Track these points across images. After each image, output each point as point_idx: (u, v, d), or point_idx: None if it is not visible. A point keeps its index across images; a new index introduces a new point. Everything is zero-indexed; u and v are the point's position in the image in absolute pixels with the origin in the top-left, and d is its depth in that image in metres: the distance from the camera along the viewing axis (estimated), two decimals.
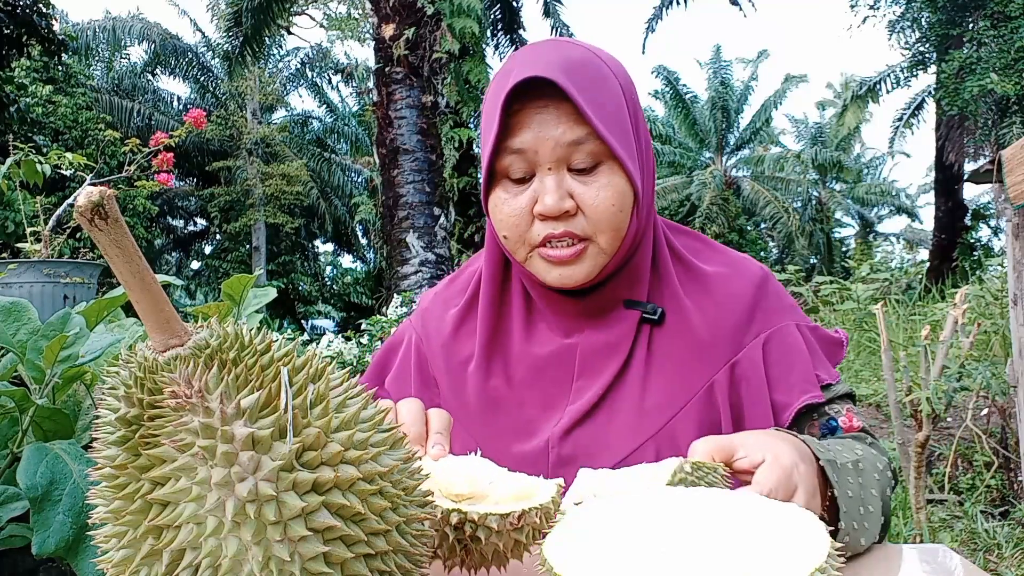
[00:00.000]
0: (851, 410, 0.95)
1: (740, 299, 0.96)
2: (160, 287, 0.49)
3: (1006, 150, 2.96)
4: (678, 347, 0.94)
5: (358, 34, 17.34)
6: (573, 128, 0.85)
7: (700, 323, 0.94)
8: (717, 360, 0.93)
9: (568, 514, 0.60)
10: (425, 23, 7.99)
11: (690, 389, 0.92)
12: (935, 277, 12.06)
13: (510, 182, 0.89)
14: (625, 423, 0.91)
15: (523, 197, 0.88)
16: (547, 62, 0.85)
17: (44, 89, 11.31)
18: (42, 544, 1.07)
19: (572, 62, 0.86)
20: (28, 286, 2.58)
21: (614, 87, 0.89)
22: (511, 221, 0.89)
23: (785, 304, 1.00)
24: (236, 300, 1.77)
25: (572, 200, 0.86)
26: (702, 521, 0.56)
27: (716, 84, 22.95)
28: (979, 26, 10.27)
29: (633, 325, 0.94)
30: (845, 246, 28.30)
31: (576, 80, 0.84)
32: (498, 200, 0.90)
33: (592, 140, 0.85)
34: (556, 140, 0.85)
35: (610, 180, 0.86)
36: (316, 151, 21.07)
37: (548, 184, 0.86)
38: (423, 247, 7.85)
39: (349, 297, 23.39)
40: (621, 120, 0.88)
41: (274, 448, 0.46)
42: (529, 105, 0.86)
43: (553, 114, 0.85)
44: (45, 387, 1.32)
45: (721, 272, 0.99)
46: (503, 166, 0.89)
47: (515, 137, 0.86)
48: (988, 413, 4.19)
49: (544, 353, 0.96)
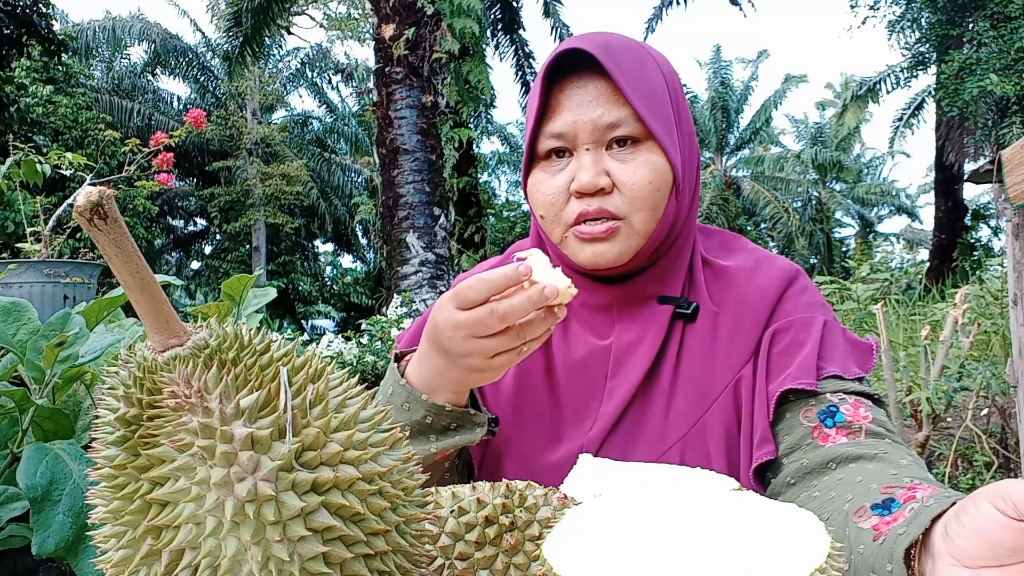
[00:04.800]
0: (860, 402, 0.85)
1: (764, 293, 0.93)
2: (160, 287, 0.49)
3: (1006, 150, 2.95)
4: (705, 347, 0.92)
5: (358, 34, 17.34)
6: (611, 110, 0.85)
7: (723, 321, 0.93)
8: (741, 357, 0.91)
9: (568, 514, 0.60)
10: (425, 23, 7.99)
11: (715, 390, 0.91)
12: (935, 277, 12.06)
13: (549, 163, 0.90)
14: (653, 428, 0.90)
15: (561, 176, 0.89)
16: (588, 41, 0.86)
17: (44, 89, 11.30)
18: (42, 544, 1.07)
19: (614, 43, 0.87)
20: (28, 286, 2.58)
21: (655, 71, 0.89)
22: (548, 199, 0.89)
23: (815, 301, 0.94)
24: (236, 300, 1.77)
25: (608, 178, 0.86)
26: (702, 521, 0.56)
27: (716, 84, 22.95)
28: (979, 26, 10.27)
29: (666, 322, 0.92)
30: (845, 246, 28.31)
31: (616, 59, 0.85)
32: (537, 180, 0.91)
33: (631, 121, 0.86)
34: (595, 123, 0.86)
35: (648, 158, 0.86)
36: (316, 151, 21.06)
37: (585, 161, 0.86)
38: (423, 247, 7.85)
39: (349, 297, 23.39)
40: (662, 103, 0.88)
41: (273, 448, 0.46)
42: (568, 84, 0.87)
43: (592, 94, 0.86)
44: (45, 387, 1.32)
45: (743, 267, 0.96)
46: (542, 148, 0.89)
47: (554, 120, 0.87)
48: (988, 413, 4.19)
49: (579, 357, 0.95)
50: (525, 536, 0.63)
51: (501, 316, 0.72)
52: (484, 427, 0.86)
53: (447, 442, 0.85)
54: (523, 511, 0.65)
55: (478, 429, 0.85)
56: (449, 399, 0.83)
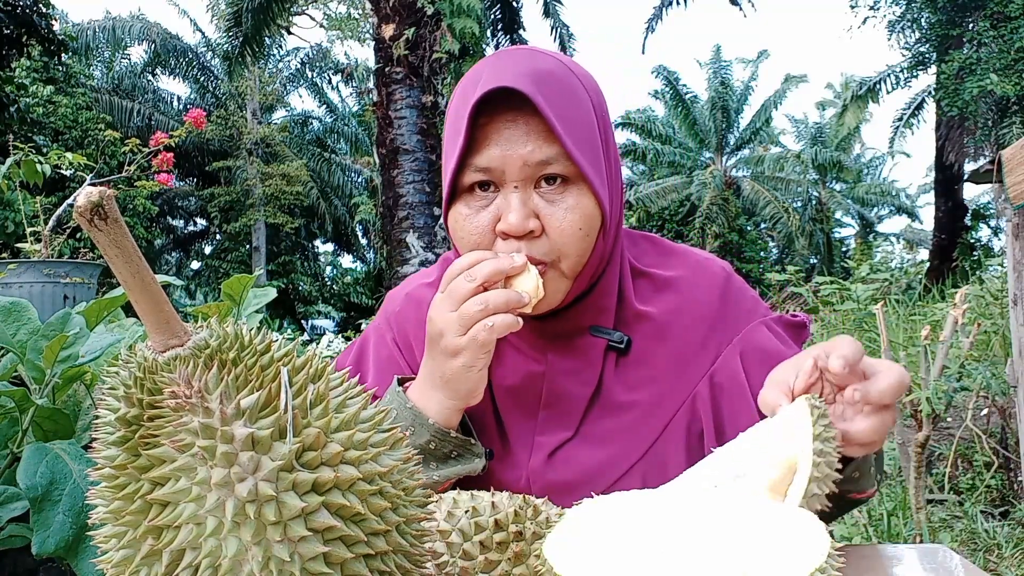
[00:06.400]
0: None
1: (708, 305, 0.94)
2: (160, 287, 0.49)
3: (1006, 150, 2.95)
4: (653, 366, 0.92)
5: (358, 34, 17.34)
6: (542, 147, 0.81)
7: (672, 336, 0.92)
8: (695, 372, 0.91)
9: (568, 514, 0.60)
10: (425, 23, 7.99)
11: (671, 406, 0.90)
12: (935, 277, 12.06)
13: (472, 197, 0.86)
14: (607, 452, 0.89)
15: (485, 214, 0.84)
16: (517, 73, 0.81)
17: (44, 89, 11.31)
18: (42, 544, 1.07)
19: (543, 74, 0.82)
20: (28, 286, 2.58)
21: (585, 102, 0.86)
22: (472, 239, 0.85)
23: (748, 301, 0.98)
24: (236, 300, 1.77)
25: (537, 220, 0.83)
26: (702, 521, 0.56)
27: (716, 84, 22.93)
28: (979, 26, 10.27)
29: (600, 354, 0.91)
30: (845, 246, 28.30)
31: (547, 94, 0.80)
32: (459, 216, 0.86)
33: (562, 160, 0.82)
34: (524, 159, 0.81)
35: (578, 202, 0.83)
36: (316, 151, 21.07)
37: (513, 201, 0.82)
38: (423, 247, 7.85)
39: (349, 297, 23.39)
40: (592, 138, 0.85)
41: (274, 448, 0.46)
42: (497, 118, 0.82)
43: (522, 129, 0.82)
44: (45, 387, 1.32)
45: (684, 277, 0.96)
46: (466, 181, 0.85)
47: (481, 153, 0.83)
48: (988, 413, 4.18)
49: (512, 383, 0.93)
50: (531, 549, 0.63)
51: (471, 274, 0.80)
52: (483, 459, 0.87)
53: (449, 471, 0.86)
54: (534, 523, 0.65)
55: (477, 460, 0.87)
56: (445, 419, 0.84)
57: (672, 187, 21.96)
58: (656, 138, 22.95)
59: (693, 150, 23.53)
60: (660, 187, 21.60)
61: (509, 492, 0.69)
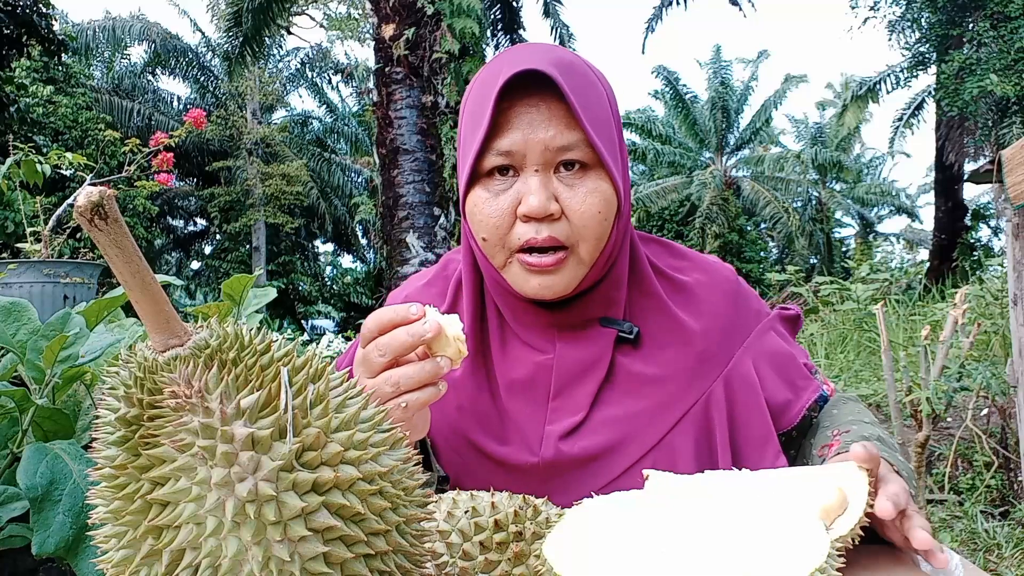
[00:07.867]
0: (825, 377, 1.03)
1: (723, 309, 0.97)
2: (160, 287, 0.49)
3: (1006, 150, 2.95)
4: (671, 360, 0.92)
5: (358, 34, 17.34)
6: (564, 132, 0.83)
7: (694, 335, 0.93)
8: (711, 372, 0.93)
9: (568, 514, 0.60)
10: (425, 23, 7.99)
11: (686, 402, 0.91)
12: (935, 277, 12.07)
13: (492, 182, 0.86)
14: (617, 440, 0.90)
15: (505, 197, 0.85)
16: (541, 59, 0.82)
17: (44, 89, 11.31)
18: (42, 544, 1.07)
19: (566, 63, 0.84)
20: (28, 286, 2.58)
21: (603, 95, 0.88)
22: (492, 222, 0.86)
23: (754, 302, 1.03)
24: (236, 300, 1.77)
25: (557, 203, 0.84)
26: (702, 521, 0.56)
27: (716, 84, 22.93)
28: (979, 27, 10.27)
29: (610, 344, 0.92)
30: (845, 246, 28.30)
31: (570, 80, 0.82)
32: (478, 200, 0.87)
33: (582, 146, 0.83)
34: (546, 143, 0.83)
35: (597, 186, 0.85)
36: (316, 151, 21.07)
37: (533, 184, 0.83)
38: (423, 247, 7.85)
39: (349, 297, 23.40)
40: (608, 128, 0.87)
41: (274, 448, 0.46)
42: (519, 103, 0.83)
43: (544, 114, 0.83)
44: (45, 387, 1.32)
45: (701, 281, 0.99)
46: (486, 166, 0.86)
47: (503, 137, 0.84)
48: (988, 413, 4.18)
49: (520, 375, 0.93)
50: (531, 550, 0.63)
51: (381, 347, 0.71)
52: (433, 485, 0.89)
53: None
54: (534, 524, 0.65)
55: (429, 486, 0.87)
56: None
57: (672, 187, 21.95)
58: (656, 138, 22.95)
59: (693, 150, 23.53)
60: (660, 187, 21.59)
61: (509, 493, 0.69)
